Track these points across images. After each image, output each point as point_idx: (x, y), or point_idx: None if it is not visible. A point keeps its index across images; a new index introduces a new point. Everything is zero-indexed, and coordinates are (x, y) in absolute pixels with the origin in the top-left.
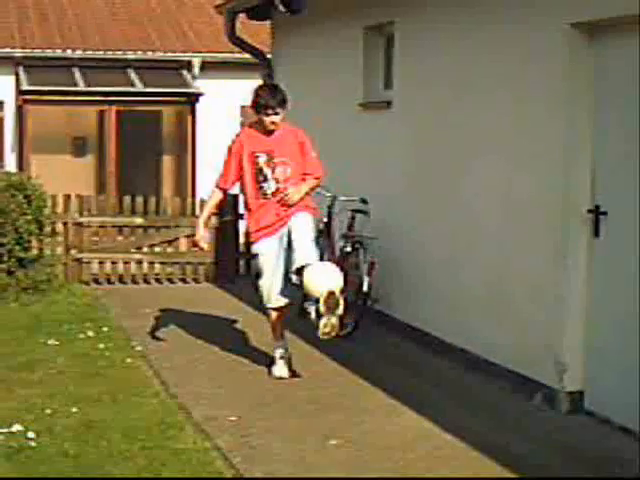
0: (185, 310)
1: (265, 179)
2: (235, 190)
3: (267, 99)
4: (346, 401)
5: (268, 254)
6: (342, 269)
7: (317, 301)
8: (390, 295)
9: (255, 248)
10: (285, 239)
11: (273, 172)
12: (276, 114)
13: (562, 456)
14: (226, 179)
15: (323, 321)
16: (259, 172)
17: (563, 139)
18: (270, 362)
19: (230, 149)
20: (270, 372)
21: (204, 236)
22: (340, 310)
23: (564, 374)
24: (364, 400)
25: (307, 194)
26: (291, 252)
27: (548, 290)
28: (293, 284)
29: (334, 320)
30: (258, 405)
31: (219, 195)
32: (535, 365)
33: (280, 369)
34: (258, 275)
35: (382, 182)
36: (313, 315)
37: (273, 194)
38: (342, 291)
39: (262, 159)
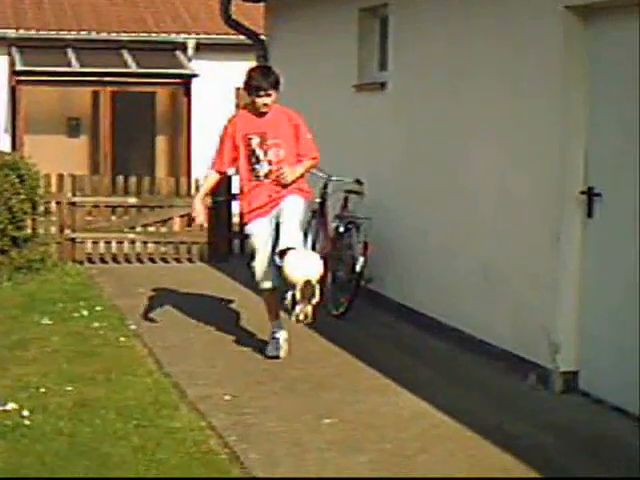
0: (179, 290)
1: (258, 161)
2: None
3: (259, 81)
4: (341, 380)
5: (260, 235)
6: (336, 249)
7: (294, 287)
8: (384, 275)
9: (248, 229)
10: (274, 221)
11: (266, 154)
12: (268, 96)
13: (555, 435)
14: (221, 161)
15: (298, 308)
16: (252, 154)
17: (559, 125)
18: (267, 342)
19: (224, 131)
20: (266, 351)
21: (202, 211)
22: (315, 299)
23: (557, 354)
24: (359, 380)
25: (302, 175)
26: (277, 235)
27: (543, 271)
28: (278, 266)
29: (309, 309)
30: (253, 384)
31: (215, 177)
32: (530, 345)
33: (274, 349)
34: (252, 256)
35: (376, 163)
36: (289, 299)
37: (266, 176)
38: (320, 280)
39: (255, 141)
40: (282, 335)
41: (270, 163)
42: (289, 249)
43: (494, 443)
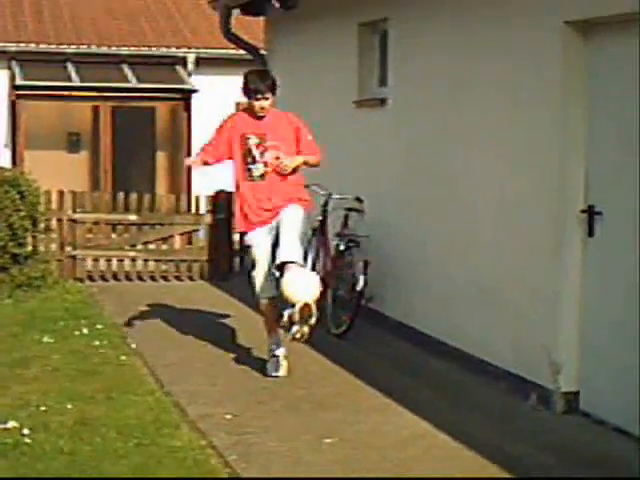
0: (179, 307)
1: (254, 161)
2: (229, 188)
3: (257, 83)
4: (341, 400)
5: (261, 244)
6: (336, 267)
7: (292, 306)
8: (384, 294)
9: (248, 238)
10: (274, 232)
11: (262, 155)
12: (266, 99)
13: (556, 456)
14: (208, 151)
15: (295, 328)
16: (248, 153)
17: (558, 138)
18: (266, 360)
19: (221, 126)
20: (267, 370)
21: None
22: (313, 320)
23: (559, 374)
24: (359, 399)
25: (304, 164)
26: (277, 247)
27: (543, 290)
28: (276, 279)
29: (306, 329)
30: (253, 403)
31: (199, 162)
32: (530, 365)
33: (274, 369)
34: (254, 265)
35: (377, 180)
36: (285, 318)
37: (261, 177)
38: (317, 300)
39: (252, 141)
40: (281, 352)
41: (266, 165)
42: (288, 263)
43: (495, 463)
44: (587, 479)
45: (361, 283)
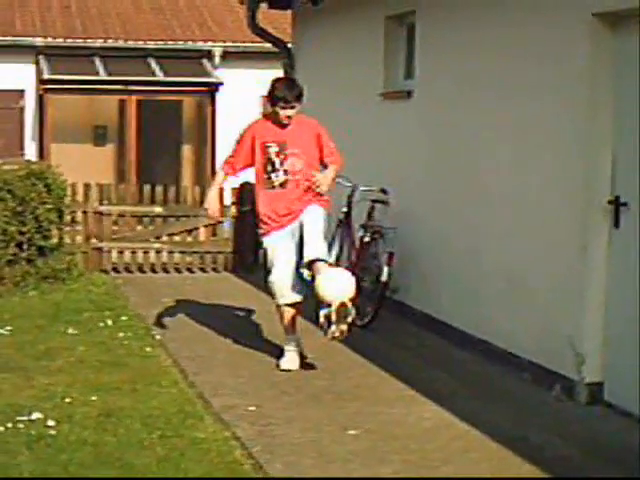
0: (204, 299)
1: (274, 169)
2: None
3: (285, 92)
4: (365, 391)
5: (279, 248)
6: (361, 259)
7: (329, 306)
8: (409, 285)
9: (266, 242)
10: (297, 233)
11: (283, 163)
12: (292, 108)
13: (580, 447)
14: (233, 165)
15: (333, 328)
16: (269, 162)
17: (585, 130)
18: (280, 354)
19: (242, 136)
20: (278, 364)
21: (217, 205)
22: (350, 318)
23: (583, 365)
24: (383, 390)
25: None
26: (302, 246)
27: (568, 281)
28: (304, 279)
29: (344, 327)
30: (277, 395)
31: (221, 177)
32: (555, 356)
33: (288, 362)
34: (269, 271)
35: (402, 172)
36: (322, 319)
37: (281, 185)
38: (353, 298)
39: (273, 149)
40: (298, 349)
41: (286, 173)
42: (316, 260)
43: (518, 454)
44: (614, 479)
45: (385, 274)
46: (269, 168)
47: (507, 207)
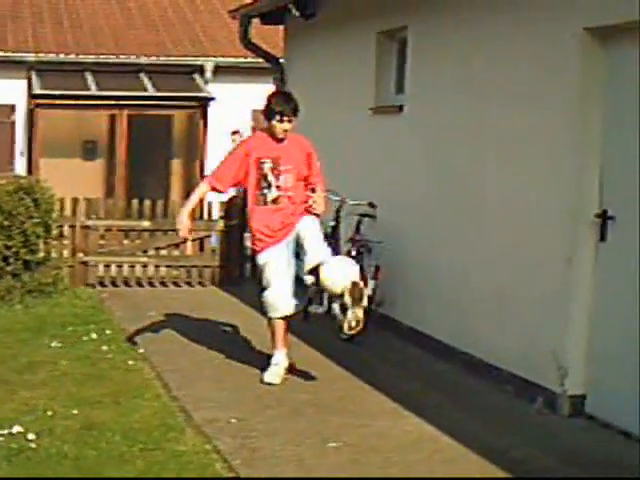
0: (189, 313)
1: (269, 186)
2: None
3: (282, 106)
4: (348, 404)
5: (277, 262)
6: None
7: (341, 296)
8: (395, 299)
9: (261, 258)
10: (292, 245)
11: (277, 179)
12: (289, 122)
13: (562, 459)
14: (218, 178)
15: (350, 313)
16: (263, 178)
17: (575, 145)
18: (264, 367)
19: (235, 150)
20: (262, 378)
21: (187, 225)
22: (365, 301)
23: (565, 378)
24: (366, 403)
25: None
26: (302, 254)
27: (553, 294)
28: (306, 286)
29: (360, 313)
30: (260, 408)
31: (205, 190)
32: (537, 369)
33: (271, 375)
34: (264, 287)
35: (391, 186)
36: (337, 311)
37: (273, 201)
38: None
39: (267, 165)
40: (281, 363)
41: (279, 189)
42: (319, 265)
43: (500, 467)
44: (587, 479)
45: (371, 287)
46: (263, 184)
47: (493, 220)
